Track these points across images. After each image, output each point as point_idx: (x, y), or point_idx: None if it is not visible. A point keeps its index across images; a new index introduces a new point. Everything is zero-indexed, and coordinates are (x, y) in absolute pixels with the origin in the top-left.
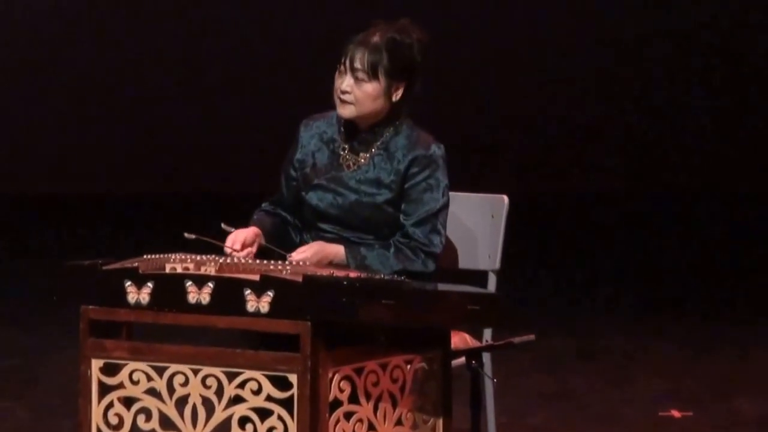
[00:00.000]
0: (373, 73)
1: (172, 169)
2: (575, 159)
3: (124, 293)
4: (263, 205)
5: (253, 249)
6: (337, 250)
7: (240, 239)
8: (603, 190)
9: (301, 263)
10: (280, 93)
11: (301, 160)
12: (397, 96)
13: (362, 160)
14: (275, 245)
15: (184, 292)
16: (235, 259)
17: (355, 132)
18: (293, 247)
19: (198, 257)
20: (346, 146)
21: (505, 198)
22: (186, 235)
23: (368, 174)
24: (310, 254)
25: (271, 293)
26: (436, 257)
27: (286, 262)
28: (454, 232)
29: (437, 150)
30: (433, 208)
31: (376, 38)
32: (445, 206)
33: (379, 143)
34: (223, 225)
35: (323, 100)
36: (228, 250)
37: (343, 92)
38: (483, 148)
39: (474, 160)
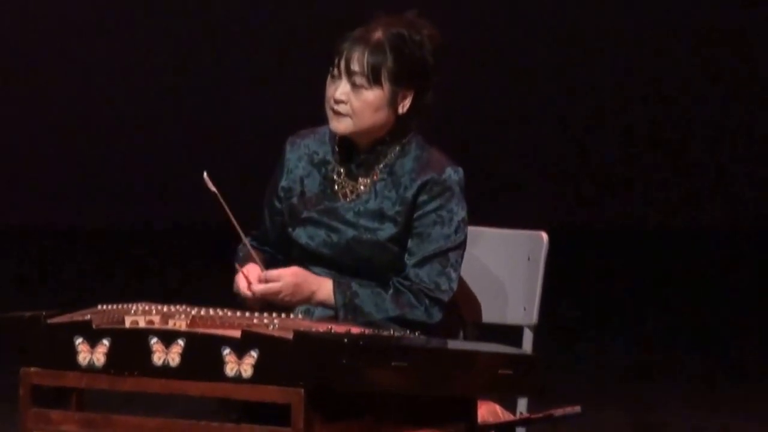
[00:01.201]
0: (374, 78)
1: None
2: (625, 185)
3: (74, 353)
4: (247, 240)
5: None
6: (322, 282)
7: (254, 276)
8: (657, 223)
9: (290, 316)
10: (253, 104)
11: (288, 188)
12: (404, 107)
13: (361, 188)
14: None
15: (149, 352)
16: (211, 311)
17: (353, 152)
18: None
19: (165, 308)
20: (342, 170)
21: (544, 235)
22: (206, 176)
23: (369, 204)
24: (287, 273)
25: (255, 353)
26: (443, 305)
27: (273, 315)
28: (480, 278)
29: (453, 174)
30: (443, 246)
31: (377, 35)
32: (460, 245)
33: (381, 166)
34: (205, 174)
35: (311, 114)
36: (243, 285)
37: (337, 102)
38: (512, 174)
39: (503, 188)
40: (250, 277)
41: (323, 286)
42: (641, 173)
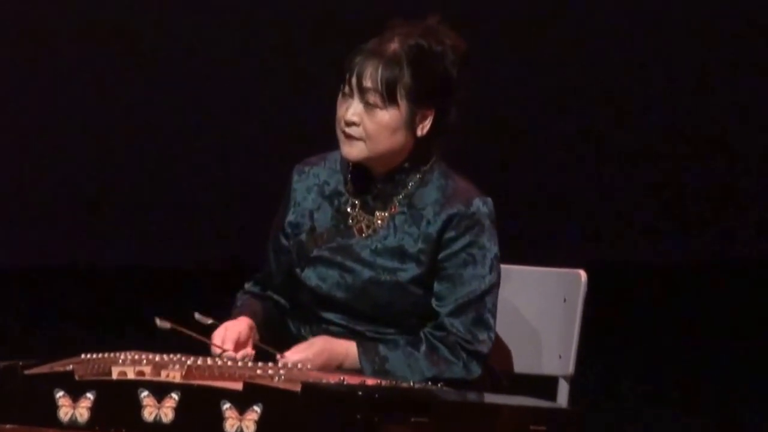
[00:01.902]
0: (389, 96)
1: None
2: (674, 217)
3: (54, 407)
4: (246, 285)
5: (250, 350)
6: (348, 350)
7: (232, 336)
8: (714, 258)
9: (299, 366)
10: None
11: (295, 223)
12: (423, 129)
13: (378, 222)
14: (270, 341)
15: (139, 406)
16: (209, 361)
17: (369, 181)
18: (293, 342)
19: (157, 357)
20: (357, 202)
21: (582, 274)
22: (158, 322)
23: (387, 241)
24: (310, 355)
25: (258, 408)
26: (482, 359)
27: (279, 364)
28: (511, 323)
29: (482, 206)
30: (477, 288)
31: (393, 46)
32: (494, 285)
33: (401, 197)
34: (197, 315)
35: (320, 139)
36: (217, 351)
37: (349, 123)
38: (546, 204)
39: (535, 220)
40: (225, 344)
41: (350, 356)
42: (691, 204)
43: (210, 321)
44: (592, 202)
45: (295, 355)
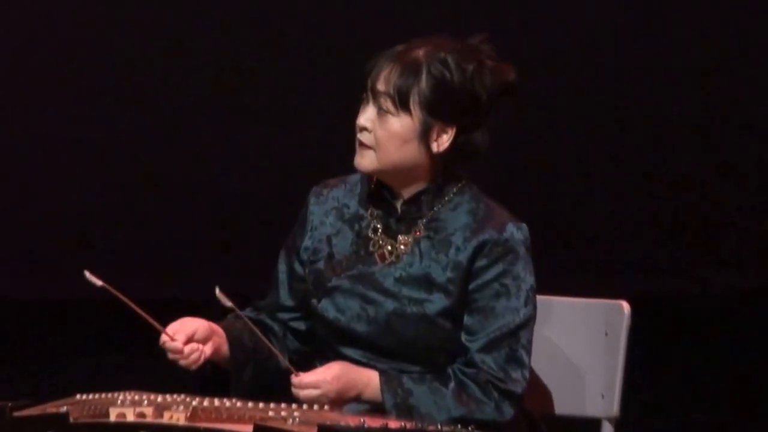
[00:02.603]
0: (401, 101)
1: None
2: (723, 244)
3: None
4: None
5: (203, 348)
6: (370, 379)
7: (187, 330)
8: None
9: (314, 407)
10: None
11: (312, 249)
12: (440, 145)
13: (402, 247)
14: (241, 361)
15: None
16: (216, 402)
17: (391, 203)
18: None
19: (159, 397)
20: (379, 226)
21: (625, 306)
22: (88, 275)
23: (412, 269)
24: (328, 377)
25: None
26: (515, 399)
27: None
28: (548, 360)
29: (516, 232)
30: (511, 322)
31: (418, 53)
32: (530, 319)
33: (425, 220)
34: (218, 291)
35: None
36: (164, 339)
37: (361, 129)
38: (586, 231)
39: (574, 248)
40: (182, 327)
41: (371, 385)
42: (746, 233)
43: (230, 304)
44: (634, 230)
45: (310, 376)
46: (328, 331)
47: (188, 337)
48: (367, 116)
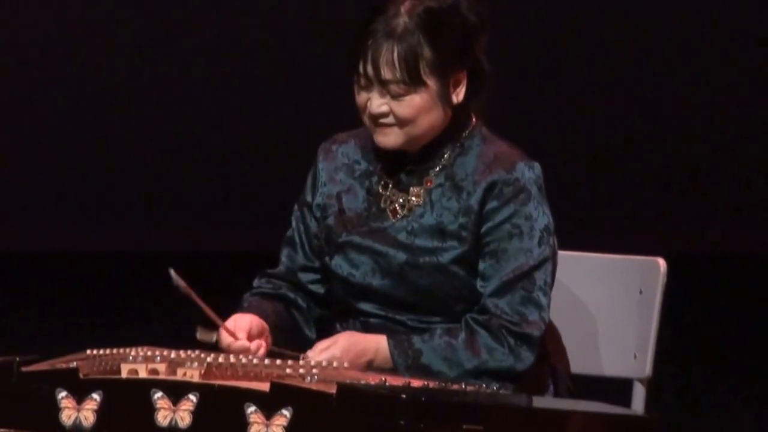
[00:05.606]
0: (413, 78)
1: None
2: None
3: (56, 409)
4: (256, 282)
5: (264, 343)
6: (378, 344)
7: (244, 326)
8: None
9: (334, 364)
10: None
11: (322, 206)
12: (459, 95)
13: (413, 199)
14: (284, 346)
15: (152, 409)
16: (232, 358)
17: (401, 157)
18: (307, 347)
19: (173, 354)
20: (390, 181)
21: (662, 262)
22: (173, 274)
23: (424, 219)
24: (336, 352)
25: (287, 412)
26: (533, 344)
27: (310, 362)
28: (578, 318)
29: (527, 170)
30: (524, 264)
31: (402, 20)
32: (546, 260)
33: (437, 169)
34: (172, 272)
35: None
36: (229, 340)
37: (376, 116)
38: (619, 185)
39: (607, 202)
40: (239, 324)
41: (380, 351)
42: None
43: (184, 284)
44: (674, 185)
45: (319, 354)
46: (343, 287)
47: (247, 333)
48: (378, 103)
